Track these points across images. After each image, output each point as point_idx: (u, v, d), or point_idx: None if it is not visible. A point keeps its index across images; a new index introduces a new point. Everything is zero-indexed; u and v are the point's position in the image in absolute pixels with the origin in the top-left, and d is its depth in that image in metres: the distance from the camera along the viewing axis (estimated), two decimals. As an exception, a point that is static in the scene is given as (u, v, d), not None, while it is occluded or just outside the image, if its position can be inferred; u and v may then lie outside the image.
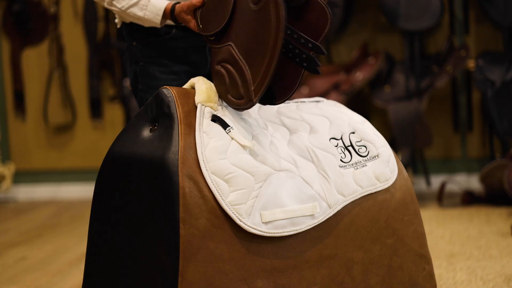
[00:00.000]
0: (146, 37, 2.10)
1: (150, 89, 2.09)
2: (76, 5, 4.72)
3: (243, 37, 1.73)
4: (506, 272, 2.60)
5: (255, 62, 1.68)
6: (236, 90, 1.71)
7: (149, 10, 1.97)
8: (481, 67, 4.00)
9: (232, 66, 1.72)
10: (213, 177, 1.63)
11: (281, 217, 1.67)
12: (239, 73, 1.70)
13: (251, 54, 1.69)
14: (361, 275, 1.79)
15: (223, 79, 1.75)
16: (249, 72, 1.69)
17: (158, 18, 1.96)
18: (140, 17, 1.98)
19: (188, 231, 1.58)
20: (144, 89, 2.12)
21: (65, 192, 4.85)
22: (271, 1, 1.64)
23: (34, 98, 4.83)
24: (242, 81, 1.69)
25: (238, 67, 1.71)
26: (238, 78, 1.70)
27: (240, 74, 1.70)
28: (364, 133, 1.94)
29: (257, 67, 1.67)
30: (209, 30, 1.81)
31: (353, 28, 4.39)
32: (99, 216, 1.79)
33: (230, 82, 1.72)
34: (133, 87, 2.17)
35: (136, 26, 2.10)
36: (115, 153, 1.76)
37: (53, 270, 3.03)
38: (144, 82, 2.12)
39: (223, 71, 1.75)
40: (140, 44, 2.11)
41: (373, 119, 4.29)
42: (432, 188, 4.28)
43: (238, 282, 1.62)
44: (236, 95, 1.71)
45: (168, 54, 2.10)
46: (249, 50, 1.70)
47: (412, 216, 1.92)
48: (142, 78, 2.12)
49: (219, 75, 1.76)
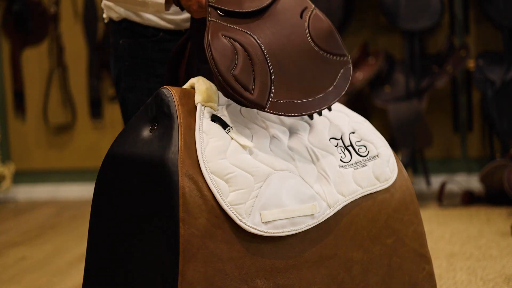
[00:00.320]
0: (133, 37, 2.08)
1: (133, 89, 2.08)
2: (76, 5, 4.72)
3: (277, 43, 1.68)
4: (506, 272, 2.60)
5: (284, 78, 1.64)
6: (246, 78, 1.62)
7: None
8: (481, 67, 4.00)
9: (252, 57, 1.64)
10: (213, 177, 1.63)
11: (281, 217, 1.67)
12: (260, 71, 1.63)
13: (282, 68, 1.65)
14: (361, 275, 1.79)
15: (231, 55, 1.63)
16: (274, 81, 1.64)
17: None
18: (144, 2, 1.88)
19: (188, 231, 1.58)
20: (126, 89, 2.10)
21: (65, 192, 4.85)
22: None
23: (34, 98, 4.83)
24: (260, 81, 1.62)
25: (261, 64, 1.63)
26: (255, 73, 1.62)
27: (260, 73, 1.63)
28: (364, 133, 1.94)
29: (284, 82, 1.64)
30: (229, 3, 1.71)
31: (353, 28, 4.39)
32: (99, 216, 1.79)
33: (242, 67, 1.62)
34: (116, 85, 2.15)
35: (125, 25, 2.09)
36: (115, 153, 1.76)
37: (53, 270, 3.03)
38: (128, 81, 2.10)
39: (238, 47, 1.64)
40: (126, 43, 2.09)
41: (373, 119, 4.29)
42: (432, 188, 4.28)
43: (238, 282, 1.62)
44: (244, 82, 1.61)
45: (154, 56, 2.08)
46: (281, 62, 1.65)
47: (412, 216, 1.92)
48: (125, 77, 2.10)
49: (225, 47, 1.64)
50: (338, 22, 4.12)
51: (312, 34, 1.72)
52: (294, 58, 1.68)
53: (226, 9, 1.72)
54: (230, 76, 1.61)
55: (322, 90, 1.66)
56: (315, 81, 1.66)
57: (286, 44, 1.70)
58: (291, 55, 1.68)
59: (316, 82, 1.66)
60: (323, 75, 1.68)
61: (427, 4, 4.03)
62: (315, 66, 1.69)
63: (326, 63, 1.70)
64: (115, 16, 2.11)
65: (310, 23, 1.73)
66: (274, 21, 1.73)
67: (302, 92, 1.65)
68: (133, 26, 2.08)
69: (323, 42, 1.72)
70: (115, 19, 2.11)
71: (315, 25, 1.73)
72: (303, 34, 1.72)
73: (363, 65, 4.13)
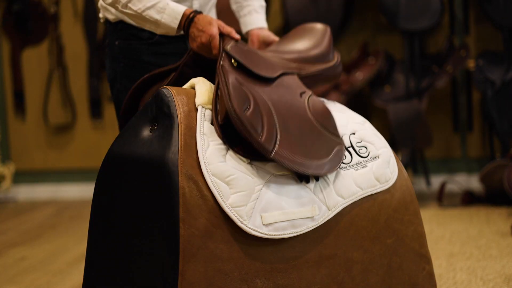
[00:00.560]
0: (129, 39, 2.09)
1: (127, 90, 2.09)
2: (76, 5, 4.72)
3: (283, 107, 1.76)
4: (506, 272, 2.60)
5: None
6: (256, 121, 1.67)
7: (167, 14, 1.90)
8: (481, 67, 4.00)
9: (260, 108, 1.70)
10: (214, 179, 1.63)
11: (281, 219, 1.68)
12: (267, 121, 1.69)
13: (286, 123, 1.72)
14: (360, 275, 1.79)
15: (244, 97, 1.70)
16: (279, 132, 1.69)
17: (176, 22, 1.90)
18: (156, 20, 1.91)
19: (188, 231, 1.58)
20: (121, 90, 2.11)
21: (65, 192, 4.86)
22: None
23: (34, 98, 4.83)
24: (268, 130, 1.67)
25: (268, 117, 1.69)
26: (263, 121, 1.68)
27: (267, 122, 1.68)
28: (364, 134, 1.94)
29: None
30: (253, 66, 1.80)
31: (353, 28, 4.39)
32: (99, 216, 1.79)
33: (254, 111, 1.68)
34: (110, 85, 2.16)
35: (121, 26, 2.10)
36: (115, 153, 1.76)
37: (53, 270, 3.03)
38: (123, 83, 2.11)
39: (249, 94, 1.71)
40: (122, 45, 2.10)
41: (373, 119, 4.29)
42: (432, 188, 4.28)
43: (238, 282, 1.62)
44: (255, 124, 1.66)
45: (149, 58, 2.09)
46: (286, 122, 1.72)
47: (412, 216, 1.91)
48: (121, 78, 2.11)
49: (240, 88, 1.72)
50: (338, 22, 4.12)
51: (312, 111, 1.81)
52: (296, 123, 1.75)
53: (242, 62, 1.79)
54: (244, 115, 1.65)
55: (319, 158, 1.71)
56: (314, 148, 1.72)
57: (289, 110, 1.77)
58: (294, 120, 1.76)
59: (315, 149, 1.72)
60: (320, 146, 1.74)
61: (427, 4, 4.03)
62: (313, 136, 1.75)
63: (323, 137, 1.77)
64: (111, 18, 2.11)
65: (310, 103, 1.83)
66: (279, 91, 1.82)
67: (302, 153, 1.69)
68: (128, 28, 2.09)
69: (321, 119, 1.81)
70: (111, 20, 2.11)
71: (313, 104, 1.83)
72: (303, 107, 1.81)
73: (363, 65, 4.13)
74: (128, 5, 1.93)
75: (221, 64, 1.76)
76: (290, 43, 2.03)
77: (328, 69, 1.98)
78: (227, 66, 1.76)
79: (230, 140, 1.67)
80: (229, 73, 1.73)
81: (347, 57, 4.33)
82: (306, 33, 2.06)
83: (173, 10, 1.90)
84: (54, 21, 4.73)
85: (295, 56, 1.96)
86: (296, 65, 1.93)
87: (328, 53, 2.01)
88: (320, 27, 2.07)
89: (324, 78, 1.99)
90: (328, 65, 1.99)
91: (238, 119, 1.63)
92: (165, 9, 1.90)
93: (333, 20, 4.09)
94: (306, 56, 1.97)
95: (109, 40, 2.14)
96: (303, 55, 1.97)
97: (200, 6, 2.13)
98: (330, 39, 2.04)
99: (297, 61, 1.94)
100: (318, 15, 4.07)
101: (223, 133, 1.67)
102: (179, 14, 1.90)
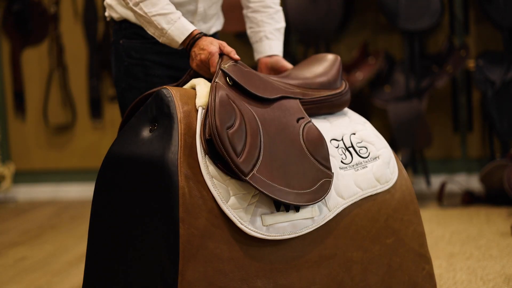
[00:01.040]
0: (134, 37, 2.10)
1: (132, 89, 2.10)
2: (76, 5, 4.72)
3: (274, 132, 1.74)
4: (506, 272, 2.60)
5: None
6: (237, 141, 1.65)
7: (175, 27, 1.90)
8: (481, 67, 4.00)
9: (247, 127, 1.68)
10: (214, 181, 1.63)
11: (281, 220, 1.68)
12: (251, 142, 1.67)
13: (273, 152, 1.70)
14: (360, 274, 1.79)
15: (230, 113, 1.68)
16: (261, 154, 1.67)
17: (181, 38, 1.89)
18: (162, 28, 1.90)
19: (187, 231, 1.58)
20: (126, 88, 2.12)
21: (65, 192, 4.85)
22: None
23: (34, 98, 4.83)
24: (249, 151, 1.65)
25: (254, 138, 1.68)
26: (246, 142, 1.66)
27: (251, 144, 1.66)
28: (364, 134, 1.94)
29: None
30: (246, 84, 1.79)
31: (353, 28, 4.39)
32: (99, 216, 1.79)
33: (237, 130, 1.66)
34: (115, 83, 2.16)
35: (125, 25, 2.10)
36: (115, 153, 1.77)
37: (53, 270, 3.03)
38: (127, 81, 2.11)
39: (237, 112, 1.69)
40: (126, 44, 2.10)
41: (373, 119, 4.29)
42: (432, 188, 4.28)
43: (238, 282, 1.62)
44: (235, 143, 1.64)
45: (153, 57, 2.09)
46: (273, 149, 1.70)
47: (412, 216, 1.92)
48: (125, 77, 2.11)
49: (227, 103, 1.70)
50: (338, 22, 4.12)
51: (304, 137, 1.77)
52: (284, 149, 1.72)
53: (237, 81, 1.77)
54: (224, 132, 1.63)
55: (300, 188, 1.68)
56: (297, 177, 1.69)
57: (280, 134, 1.74)
58: (283, 144, 1.72)
59: (298, 178, 1.69)
60: (305, 176, 1.71)
61: (427, 4, 4.03)
62: (300, 164, 1.72)
63: (310, 167, 1.73)
64: (116, 16, 2.11)
65: (305, 129, 1.79)
66: (274, 113, 1.78)
67: (283, 180, 1.66)
68: (133, 27, 2.09)
69: (312, 147, 1.76)
70: (116, 19, 2.12)
71: (308, 131, 1.79)
72: (296, 133, 1.77)
73: (363, 65, 4.13)
74: (140, 4, 1.92)
75: (216, 81, 1.73)
76: (298, 71, 2.00)
77: (334, 95, 1.94)
78: (222, 84, 1.74)
79: (214, 155, 1.65)
80: (220, 89, 1.71)
81: (347, 57, 4.33)
82: (316, 62, 2.02)
83: (183, 26, 1.90)
84: (54, 21, 4.73)
85: (300, 82, 1.93)
86: (300, 90, 1.90)
87: (336, 81, 1.97)
88: (331, 57, 2.03)
89: (330, 105, 1.95)
90: (333, 92, 1.94)
91: (218, 136, 1.61)
92: (176, 22, 1.90)
93: (333, 20, 4.08)
94: (312, 83, 1.93)
95: (114, 39, 2.15)
96: (308, 81, 1.94)
97: (204, 9, 2.12)
98: (339, 68, 2.00)
99: (302, 87, 1.91)
100: (318, 15, 4.07)
101: (208, 148, 1.65)
102: (187, 31, 1.89)
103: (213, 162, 1.64)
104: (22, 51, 4.81)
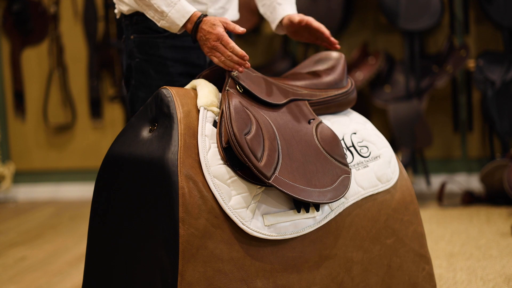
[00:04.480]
0: (145, 32, 2.04)
1: (142, 86, 2.06)
2: (76, 5, 4.72)
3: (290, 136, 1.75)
4: (506, 272, 2.60)
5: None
6: (256, 146, 1.66)
7: (176, 9, 1.86)
8: (481, 67, 4.00)
9: (263, 132, 1.70)
10: (216, 181, 1.63)
11: (283, 220, 1.68)
12: (269, 146, 1.68)
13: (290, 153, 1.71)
14: (360, 275, 1.79)
15: (246, 120, 1.69)
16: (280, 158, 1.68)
17: (182, 20, 1.85)
18: (163, 11, 1.87)
19: (187, 231, 1.58)
20: (136, 86, 2.08)
21: (65, 192, 4.85)
22: None
23: (34, 98, 4.83)
24: (268, 155, 1.66)
25: (271, 141, 1.69)
26: (264, 146, 1.67)
27: (269, 147, 1.67)
28: (365, 134, 1.94)
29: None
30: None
31: (353, 28, 4.39)
32: (99, 216, 1.79)
33: (255, 135, 1.67)
34: (125, 81, 2.12)
35: (136, 19, 2.05)
36: (114, 153, 1.76)
37: (53, 270, 3.03)
38: (138, 78, 2.07)
39: (252, 118, 1.70)
40: (138, 39, 2.05)
41: (373, 119, 4.29)
42: (432, 188, 4.28)
43: (238, 282, 1.62)
44: (254, 149, 1.66)
45: (165, 53, 2.04)
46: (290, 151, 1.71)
47: (412, 216, 1.91)
48: (136, 74, 2.07)
49: (242, 111, 1.71)
50: (338, 22, 4.12)
51: (318, 136, 1.80)
52: (301, 149, 1.74)
53: (247, 88, 1.79)
54: (243, 139, 1.64)
55: (322, 186, 1.71)
56: (317, 176, 1.72)
57: (295, 135, 1.77)
58: (299, 146, 1.75)
59: (318, 177, 1.71)
60: (324, 173, 1.73)
61: (427, 4, 4.03)
62: (318, 163, 1.74)
63: (328, 164, 1.76)
64: (125, 9, 2.05)
65: (318, 129, 1.82)
66: (286, 117, 1.82)
67: (304, 180, 1.69)
68: (144, 21, 2.03)
69: (328, 146, 1.79)
70: (125, 13, 2.06)
71: (322, 131, 1.82)
72: (310, 134, 1.80)
73: (363, 65, 4.13)
74: None
75: (226, 89, 1.76)
76: (303, 71, 2.02)
77: (341, 94, 1.96)
78: (233, 91, 1.76)
79: (234, 163, 1.67)
80: (233, 97, 1.73)
81: (347, 57, 4.32)
82: (320, 61, 2.04)
83: (183, 8, 1.86)
84: (54, 21, 4.73)
85: (307, 83, 1.95)
86: (308, 91, 1.92)
87: (342, 80, 1.99)
88: (335, 55, 2.04)
89: (337, 104, 1.97)
90: (340, 91, 1.96)
91: (237, 143, 1.63)
92: (176, 4, 1.86)
93: (333, 20, 4.08)
94: (318, 83, 1.96)
95: (125, 35, 2.10)
96: (315, 81, 1.96)
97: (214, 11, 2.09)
98: (344, 66, 2.02)
99: (309, 88, 1.93)
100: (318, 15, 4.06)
101: (227, 156, 1.66)
102: (188, 13, 1.86)
103: (233, 170, 1.65)
104: (22, 51, 4.81)
